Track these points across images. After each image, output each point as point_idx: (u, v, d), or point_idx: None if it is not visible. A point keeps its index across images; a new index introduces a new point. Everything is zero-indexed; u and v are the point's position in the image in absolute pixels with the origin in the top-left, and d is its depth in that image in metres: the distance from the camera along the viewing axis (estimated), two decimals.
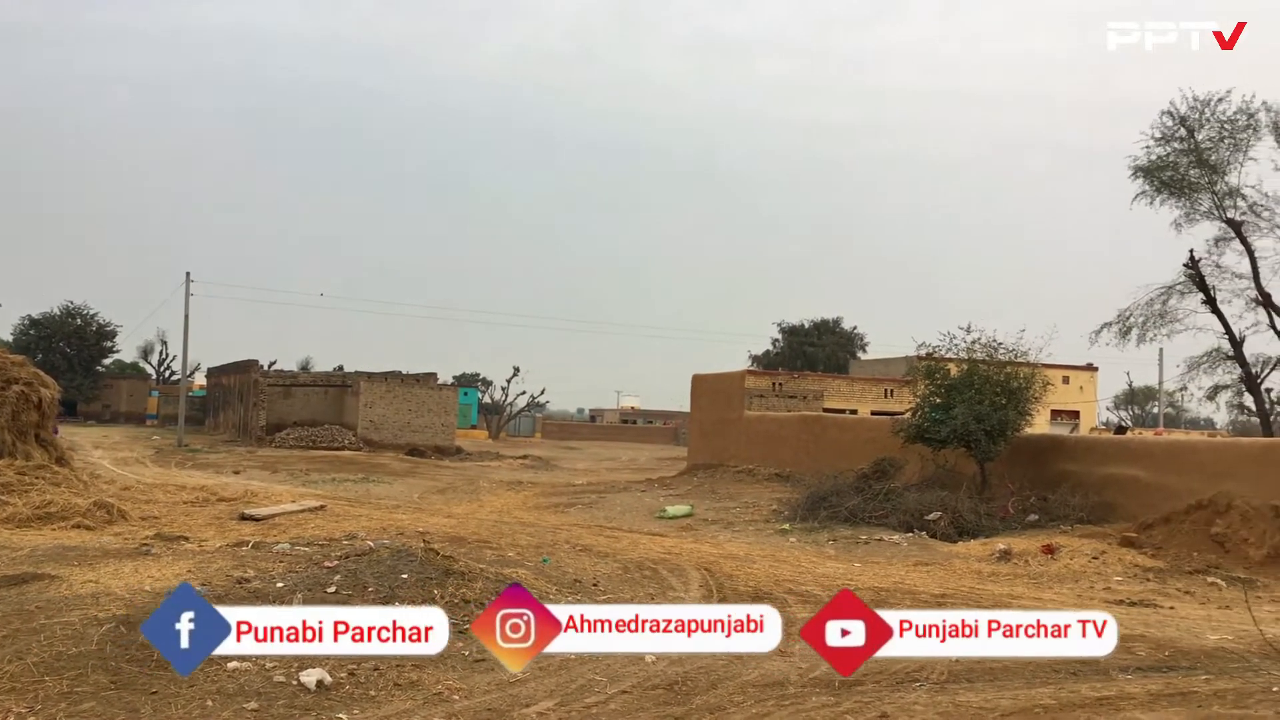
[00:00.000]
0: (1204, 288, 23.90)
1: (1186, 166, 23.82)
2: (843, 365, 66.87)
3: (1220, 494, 15.94)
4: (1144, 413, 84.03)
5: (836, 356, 73.08)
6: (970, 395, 19.20)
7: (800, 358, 72.87)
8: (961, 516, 17.95)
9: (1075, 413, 53.60)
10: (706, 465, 30.20)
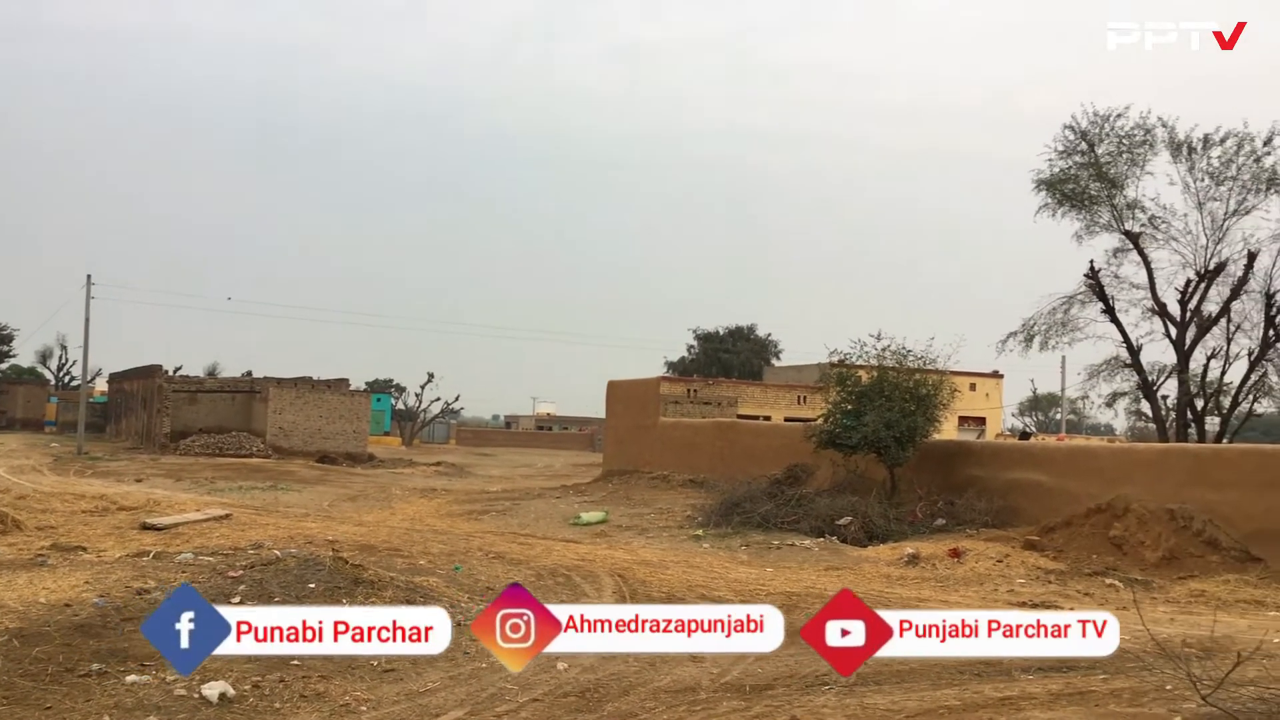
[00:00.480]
0: (1103, 297, 24.61)
1: (1087, 180, 24.51)
2: (757, 372, 67.48)
3: (1118, 498, 16.41)
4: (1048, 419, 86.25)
5: (751, 363, 73.70)
6: (880, 402, 19.52)
7: (716, 364, 73.33)
8: (871, 521, 18.23)
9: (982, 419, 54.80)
10: (622, 471, 30.22)
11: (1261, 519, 15.08)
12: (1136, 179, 24.22)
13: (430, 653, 5.73)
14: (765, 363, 73.06)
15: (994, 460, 20.17)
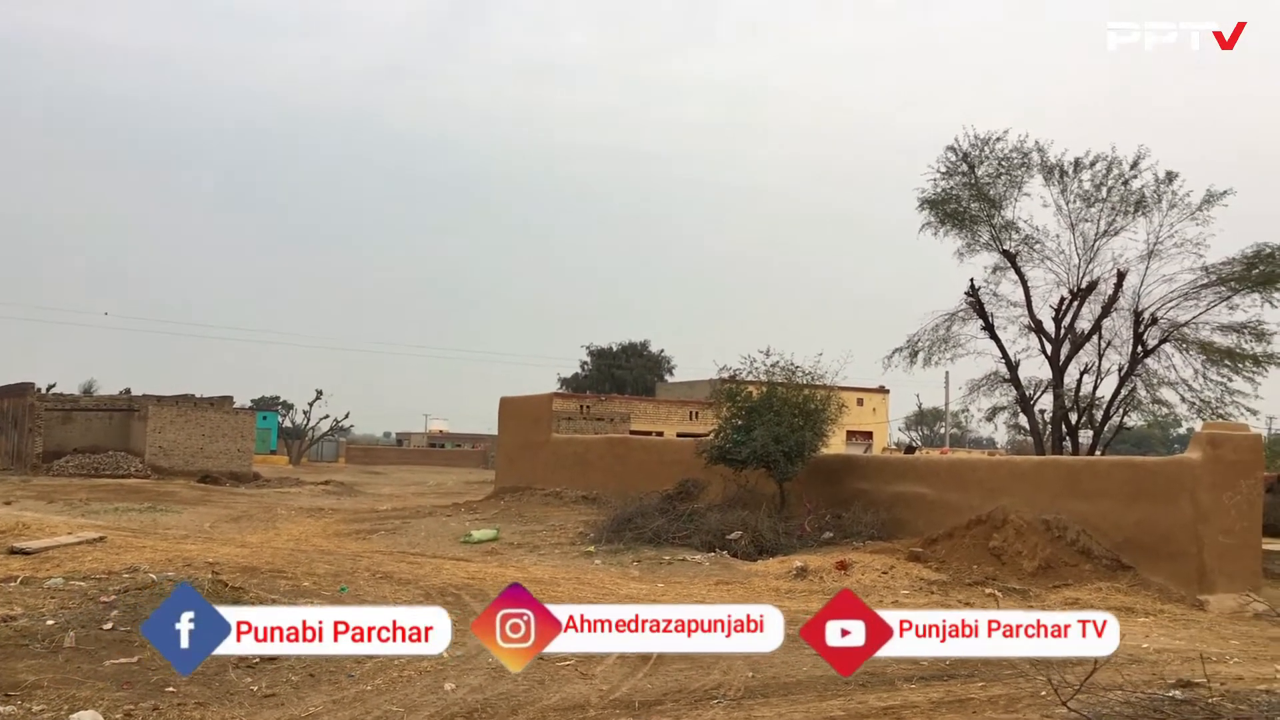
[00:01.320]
0: (983, 314, 25.36)
1: (968, 200, 25.26)
2: (651, 388, 67.82)
3: (997, 509, 16.88)
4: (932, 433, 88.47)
5: (644, 379, 74.06)
6: (770, 417, 19.77)
7: (609, 380, 73.50)
8: (761, 535, 18.43)
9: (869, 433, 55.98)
10: (514, 489, 30.01)
11: (1131, 529, 15.66)
12: (1014, 200, 25.05)
13: (430, 652, 5.75)
14: (659, 379, 73.51)
15: (880, 474, 20.58)
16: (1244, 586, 14.99)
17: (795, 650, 10.42)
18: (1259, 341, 23.29)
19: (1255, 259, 22.68)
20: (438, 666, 9.15)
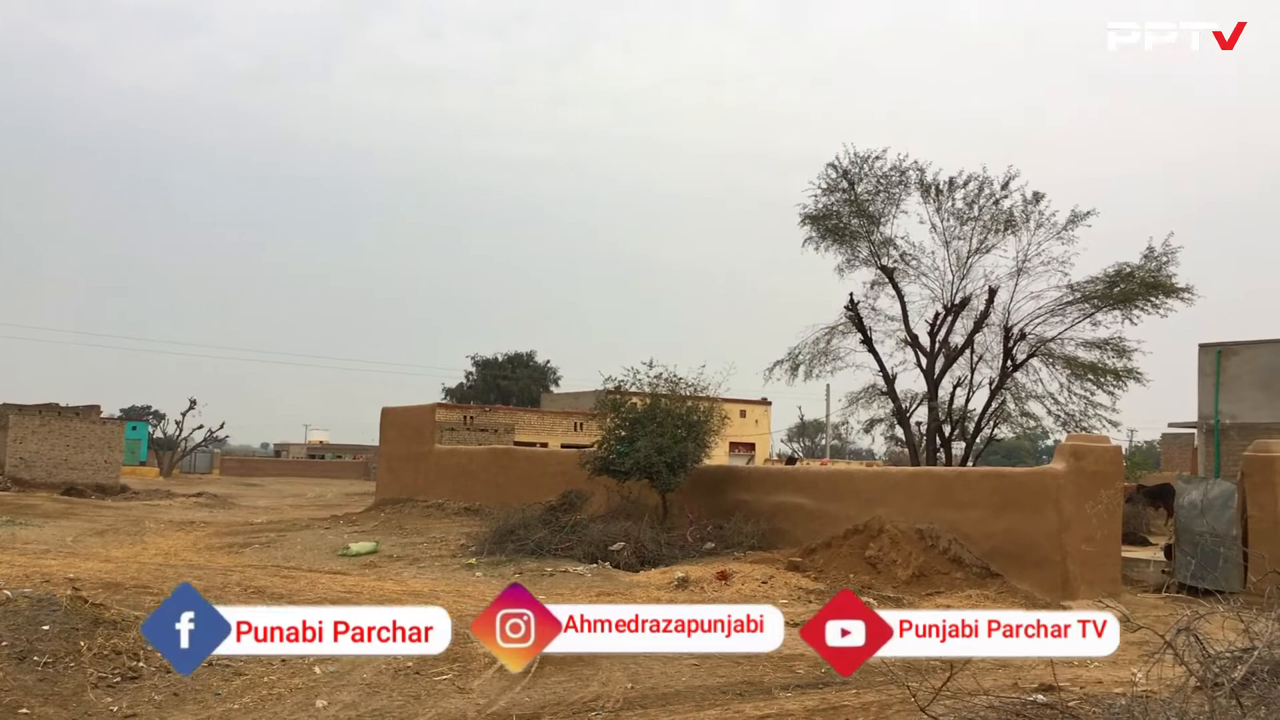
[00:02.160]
0: (862, 328, 25.91)
1: (848, 216, 25.79)
2: (536, 399, 67.52)
3: (874, 519, 17.24)
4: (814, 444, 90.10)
5: (530, 390, 73.71)
6: (653, 428, 19.84)
7: (495, 391, 72.97)
8: (644, 546, 18.47)
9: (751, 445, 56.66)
10: (395, 500, 29.52)
11: (999, 537, 16.15)
12: (893, 217, 25.66)
13: (430, 652, 5.78)
14: (544, 389, 73.23)
15: (761, 485, 20.83)
16: (1104, 592, 15.59)
17: (674, 661, 10.51)
18: (1120, 357, 24.29)
19: (1116, 278, 23.67)
20: (310, 683, 8.94)
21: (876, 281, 26.24)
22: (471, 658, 10.33)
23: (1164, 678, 5.78)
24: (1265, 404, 17.67)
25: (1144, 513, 24.73)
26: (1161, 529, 23.16)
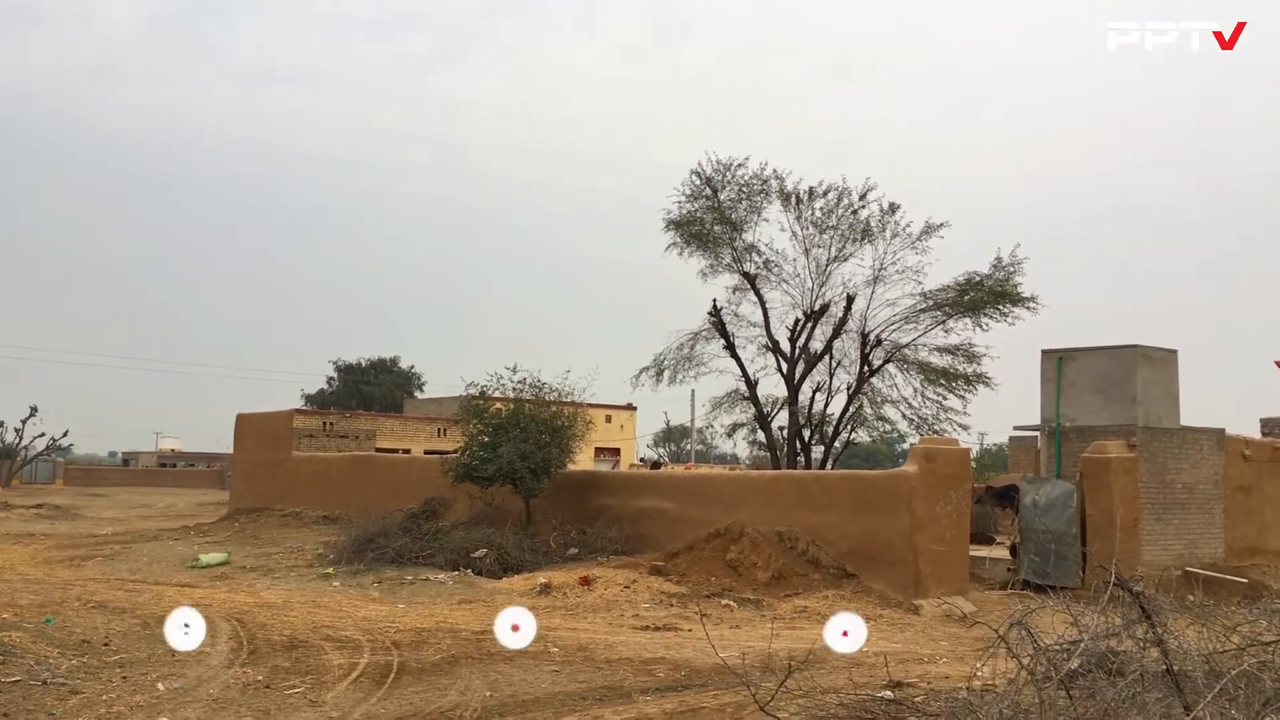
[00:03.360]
0: (725, 334, 26.26)
1: (711, 222, 26.12)
2: (399, 405, 66.44)
3: (735, 523, 17.48)
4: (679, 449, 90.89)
5: (393, 395, 72.52)
6: (516, 434, 19.72)
7: (357, 397, 71.56)
8: (507, 553, 18.35)
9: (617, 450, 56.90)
10: (251, 509, 28.62)
11: (855, 539, 16.57)
12: (755, 224, 26.10)
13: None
14: (408, 395, 72.12)
15: (624, 489, 20.91)
16: (953, 591, 16.13)
17: (535, 668, 10.46)
18: (970, 362, 25.23)
19: (967, 286, 24.55)
20: (152, 701, 8.58)
21: (739, 287, 26.64)
22: (325, 670, 10.09)
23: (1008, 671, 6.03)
24: (1102, 408, 18.54)
25: (992, 513, 25.73)
26: (1008, 528, 24.07)
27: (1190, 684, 4.12)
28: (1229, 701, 3.91)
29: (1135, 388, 18.27)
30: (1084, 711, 3.98)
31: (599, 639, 12.25)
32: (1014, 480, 25.90)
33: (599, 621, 13.88)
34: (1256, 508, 19.55)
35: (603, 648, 11.67)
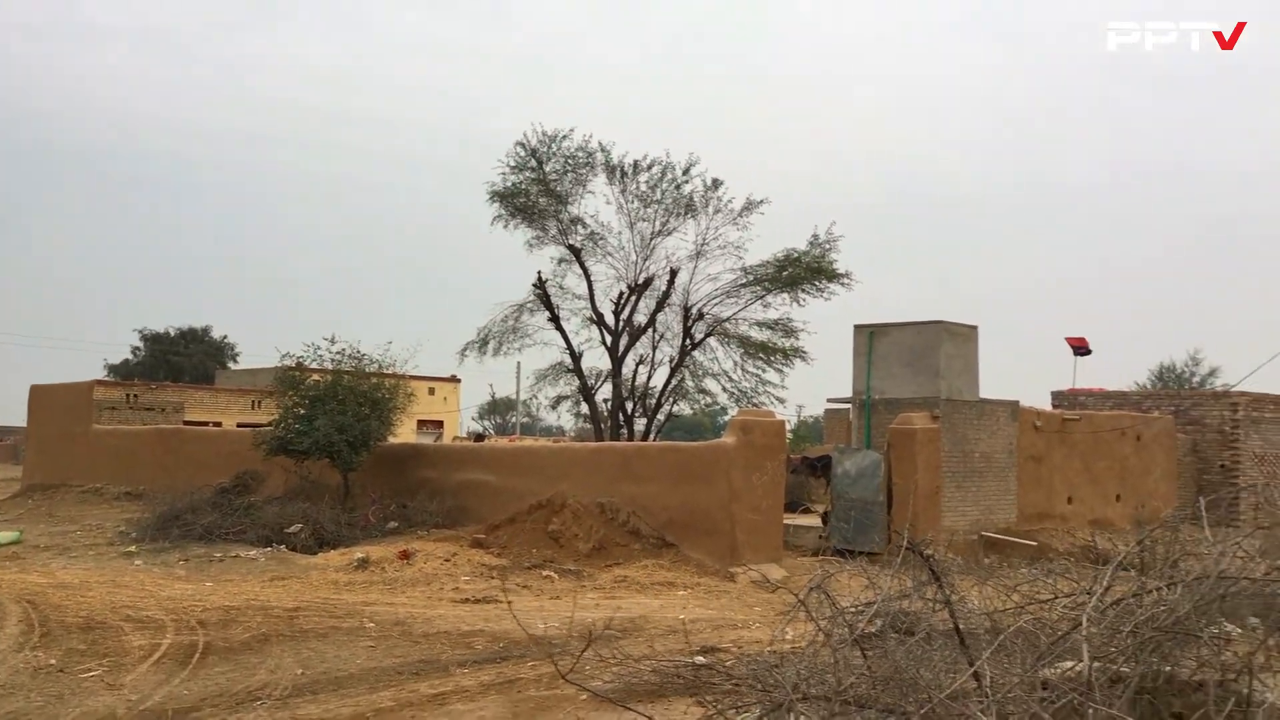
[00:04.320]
0: (549, 306, 26.25)
1: (537, 194, 26.03)
2: (211, 376, 63.83)
3: (557, 494, 17.54)
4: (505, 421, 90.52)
5: (205, 366, 69.61)
6: (334, 406, 19.23)
7: (165, 368, 68.39)
8: (323, 527, 17.92)
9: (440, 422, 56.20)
10: (46, 486, 27.07)
11: (675, 509, 16.86)
12: (580, 197, 26.15)
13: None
14: (220, 366, 69.34)
15: (446, 462, 20.68)
16: (768, 558, 16.64)
17: (350, 644, 10.28)
18: (788, 337, 26.02)
19: (785, 262, 25.25)
20: None
21: (564, 260, 26.68)
22: (125, 651, 9.68)
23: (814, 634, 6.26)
24: (909, 380, 19.37)
25: (807, 482, 26.60)
26: (822, 497, 24.97)
27: (974, 641, 4.37)
28: (1007, 656, 4.16)
29: (939, 362, 19.15)
30: (876, 669, 4.17)
31: (417, 613, 12.13)
32: (828, 451, 26.86)
33: (418, 595, 13.74)
34: (1046, 475, 20.82)
35: (421, 622, 11.56)
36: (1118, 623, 4.07)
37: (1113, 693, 3.75)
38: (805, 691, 3.99)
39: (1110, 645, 4.01)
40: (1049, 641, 4.20)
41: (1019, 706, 3.69)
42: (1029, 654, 4.19)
